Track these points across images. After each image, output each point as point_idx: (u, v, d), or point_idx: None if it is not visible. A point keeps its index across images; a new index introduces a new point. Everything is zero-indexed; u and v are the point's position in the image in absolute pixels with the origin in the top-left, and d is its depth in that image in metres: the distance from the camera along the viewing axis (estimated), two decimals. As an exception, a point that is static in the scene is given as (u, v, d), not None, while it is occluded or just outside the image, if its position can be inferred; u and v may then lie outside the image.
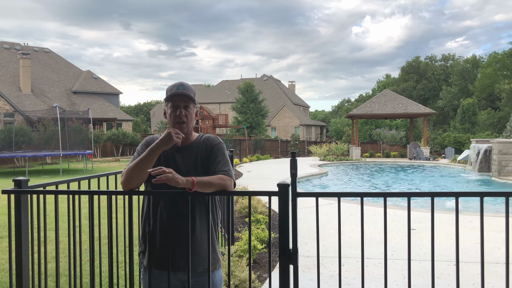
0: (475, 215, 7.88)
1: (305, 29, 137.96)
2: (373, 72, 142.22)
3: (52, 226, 5.70)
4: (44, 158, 23.22)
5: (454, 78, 54.28)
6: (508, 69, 48.23)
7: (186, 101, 2.31)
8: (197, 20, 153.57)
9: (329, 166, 21.31)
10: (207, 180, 2.16)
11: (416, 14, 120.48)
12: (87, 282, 4.28)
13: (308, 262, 5.17)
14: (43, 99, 35.04)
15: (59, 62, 41.81)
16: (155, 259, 2.28)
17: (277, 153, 33.03)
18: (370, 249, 5.64)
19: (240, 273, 4.29)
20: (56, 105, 21.96)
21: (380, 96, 28.27)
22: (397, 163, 23.47)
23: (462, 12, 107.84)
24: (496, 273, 4.70)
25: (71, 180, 2.93)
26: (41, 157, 21.95)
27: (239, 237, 6.16)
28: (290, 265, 2.25)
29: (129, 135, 31.10)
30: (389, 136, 30.12)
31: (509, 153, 14.74)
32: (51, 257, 4.77)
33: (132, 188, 2.26)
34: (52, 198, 2.77)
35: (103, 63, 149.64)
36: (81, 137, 22.31)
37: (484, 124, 41.26)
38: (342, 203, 8.94)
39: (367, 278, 4.55)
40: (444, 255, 5.33)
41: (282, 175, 14.96)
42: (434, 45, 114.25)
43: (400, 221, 7.31)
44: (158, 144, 2.18)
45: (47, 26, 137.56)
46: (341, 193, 2.32)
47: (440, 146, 30.79)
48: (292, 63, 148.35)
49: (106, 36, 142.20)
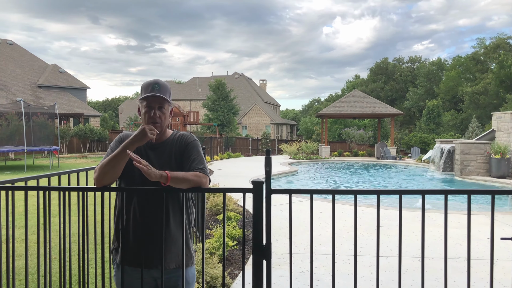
0: (438, 212, 8.17)
1: (277, 28, 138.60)
2: (343, 73, 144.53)
3: (19, 223, 5.53)
4: (7, 153, 22.40)
5: (420, 80, 55.89)
6: (471, 73, 50.12)
7: (161, 102, 2.31)
8: (168, 16, 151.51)
9: (299, 165, 21.54)
10: (181, 175, 2.17)
11: (385, 16, 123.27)
12: (55, 280, 4.20)
13: (278, 258, 5.24)
14: (6, 93, 33.76)
15: (23, 55, 40.37)
16: (128, 256, 2.28)
17: (248, 151, 33.10)
18: (340, 246, 5.77)
19: (212, 270, 4.31)
20: (20, 99, 21.22)
21: (349, 96, 28.79)
22: (365, 162, 23.98)
23: (427, 16, 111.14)
24: (458, 268, 4.91)
25: (41, 176, 2.87)
26: (4, 152, 21.17)
27: (210, 234, 6.17)
28: (264, 260, 2.30)
29: (97, 131, 30.40)
30: (358, 136, 30.71)
31: (470, 153, 15.34)
32: (18, 255, 4.64)
33: (105, 184, 2.25)
34: (19, 195, 2.71)
35: (70, 57, 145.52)
36: (47, 132, 21.64)
37: (448, 125, 42.71)
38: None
39: (336, 274, 4.66)
40: (409, 251, 5.52)
41: (253, 173, 15.02)
42: (401, 47, 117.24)
43: (368, 219, 7.50)
44: (132, 140, 2.17)
45: (11, 18, 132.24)
46: (314, 190, 2.39)
47: (406, 146, 31.68)
48: (263, 61, 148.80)
49: (73, 30, 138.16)
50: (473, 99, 42.61)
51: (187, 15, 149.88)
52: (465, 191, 2.32)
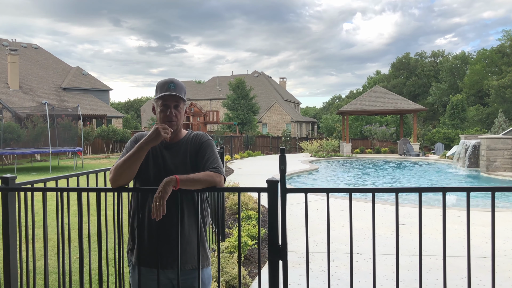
0: (463, 210, 7.97)
1: (296, 26, 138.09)
2: (364, 69, 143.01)
3: (41, 224, 5.65)
4: (33, 155, 22.98)
5: (443, 75, 54.72)
6: (496, 66, 48.75)
7: (176, 101, 2.30)
8: (188, 17, 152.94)
9: (320, 162, 21.38)
10: (192, 177, 2.15)
11: (406, 11, 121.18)
12: (76, 279, 4.26)
13: (298, 257, 5.19)
14: (31, 96, 34.63)
15: (47, 58, 41.33)
16: (144, 256, 2.27)
17: (268, 150, 33.07)
18: (360, 245, 5.68)
19: (231, 269, 4.30)
20: (45, 102, 21.73)
21: (371, 93, 28.40)
22: (387, 159, 23.62)
23: (451, 9, 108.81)
24: (484, 266, 4.76)
25: (60, 177, 2.90)
26: (30, 154, 21.73)
27: (230, 233, 6.16)
28: (280, 261, 2.26)
29: (120, 131, 30.89)
30: (380, 132, 30.27)
31: (497, 149, 14.92)
32: (39, 255, 4.73)
33: (121, 185, 2.25)
34: (40, 196, 2.75)
35: (93, 60, 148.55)
36: (71, 134, 22.11)
37: (473, 120, 41.69)
38: (333, 199, 8.98)
39: (357, 273, 4.59)
40: (432, 250, 5.38)
41: (273, 172, 14.98)
42: (423, 42, 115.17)
43: (390, 217, 7.37)
44: (146, 141, 2.17)
45: (37, 23, 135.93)
46: (330, 189, 2.33)
47: (430, 142, 31.07)
48: (283, 59, 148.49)
49: (96, 33, 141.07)
50: (500, 92, 41.45)
51: (207, 15, 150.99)
52: (488, 188, 2.23)
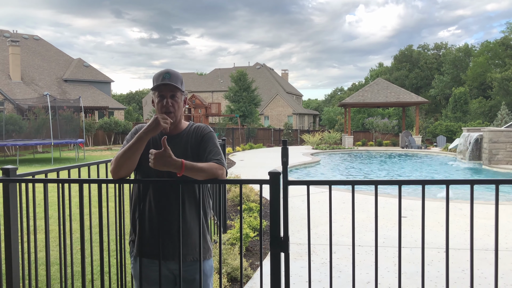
0: (465, 202, 7.95)
1: (299, 17, 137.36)
2: (366, 61, 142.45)
3: (42, 215, 5.66)
4: (35, 147, 23.02)
5: (446, 67, 54.43)
6: (500, 58, 48.46)
7: (172, 91, 2.28)
8: (190, 8, 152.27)
9: (321, 155, 21.37)
10: (197, 166, 2.13)
11: (409, 3, 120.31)
12: (78, 270, 4.27)
13: (300, 249, 5.20)
14: (33, 87, 34.62)
15: (49, 50, 41.25)
16: (145, 248, 2.27)
17: (270, 142, 33.05)
18: (362, 237, 5.68)
19: (233, 261, 4.30)
20: (46, 93, 21.68)
21: (373, 85, 28.29)
22: (389, 151, 23.59)
23: (454, 2, 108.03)
24: (485, 259, 4.76)
25: (61, 168, 2.89)
26: (32, 146, 21.77)
27: (232, 225, 6.17)
28: (281, 252, 2.25)
29: (121, 123, 30.89)
30: (382, 125, 30.21)
31: (499, 142, 14.87)
32: (41, 246, 4.74)
33: (122, 176, 2.24)
34: (42, 187, 2.74)
35: (95, 52, 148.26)
36: (73, 125, 22.12)
37: (476, 113, 41.54)
38: (334, 191, 8.98)
39: (359, 265, 4.59)
40: (434, 242, 5.38)
41: (275, 164, 14.98)
42: (426, 34, 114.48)
43: (392, 209, 7.36)
44: (145, 131, 2.16)
45: (39, 14, 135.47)
46: (332, 181, 2.31)
47: (432, 135, 30.99)
48: (285, 51, 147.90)
49: (98, 24, 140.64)
50: (503, 85, 41.24)
51: (209, 6, 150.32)
52: (493, 181, 2.21)
